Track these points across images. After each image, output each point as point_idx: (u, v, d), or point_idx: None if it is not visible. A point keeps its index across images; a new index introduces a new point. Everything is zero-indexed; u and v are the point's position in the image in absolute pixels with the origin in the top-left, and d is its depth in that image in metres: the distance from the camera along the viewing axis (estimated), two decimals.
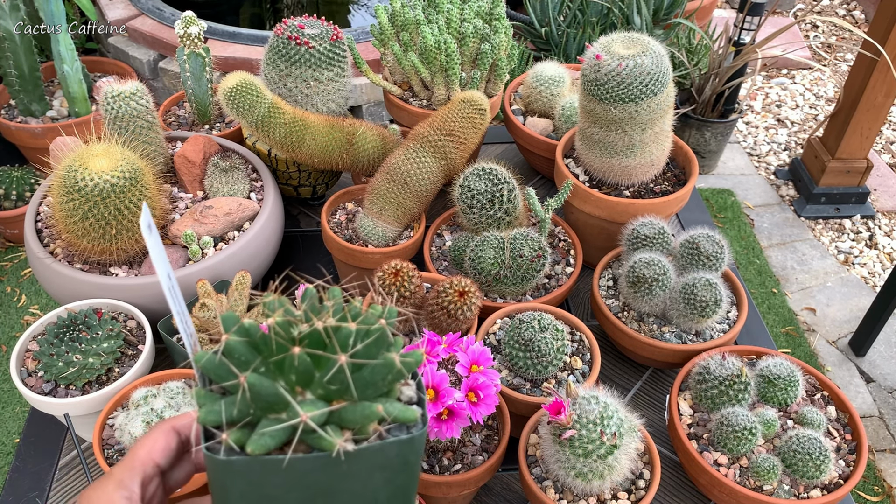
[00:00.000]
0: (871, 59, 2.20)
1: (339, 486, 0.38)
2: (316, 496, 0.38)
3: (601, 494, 0.77)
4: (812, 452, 0.80)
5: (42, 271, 0.95)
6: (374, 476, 0.38)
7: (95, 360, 0.84)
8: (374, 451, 0.37)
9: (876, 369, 2.04)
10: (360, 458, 0.37)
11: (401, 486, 0.40)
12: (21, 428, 1.77)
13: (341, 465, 0.37)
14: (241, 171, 1.06)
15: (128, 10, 2.50)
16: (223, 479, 0.37)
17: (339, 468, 0.37)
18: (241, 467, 0.36)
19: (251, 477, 0.37)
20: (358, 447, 0.36)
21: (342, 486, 0.38)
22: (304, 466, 0.36)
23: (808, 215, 2.53)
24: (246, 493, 0.37)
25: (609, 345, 1.04)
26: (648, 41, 0.97)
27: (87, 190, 0.88)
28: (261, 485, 0.37)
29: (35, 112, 2.12)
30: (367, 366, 0.38)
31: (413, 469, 0.40)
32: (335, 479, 0.38)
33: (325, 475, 0.37)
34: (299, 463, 0.36)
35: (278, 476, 0.37)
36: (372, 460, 0.38)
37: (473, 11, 1.16)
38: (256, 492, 0.37)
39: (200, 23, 1.17)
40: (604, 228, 1.07)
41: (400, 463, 0.39)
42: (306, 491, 0.37)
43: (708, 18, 2.83)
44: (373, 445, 0.37)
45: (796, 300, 2.24)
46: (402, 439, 0.38)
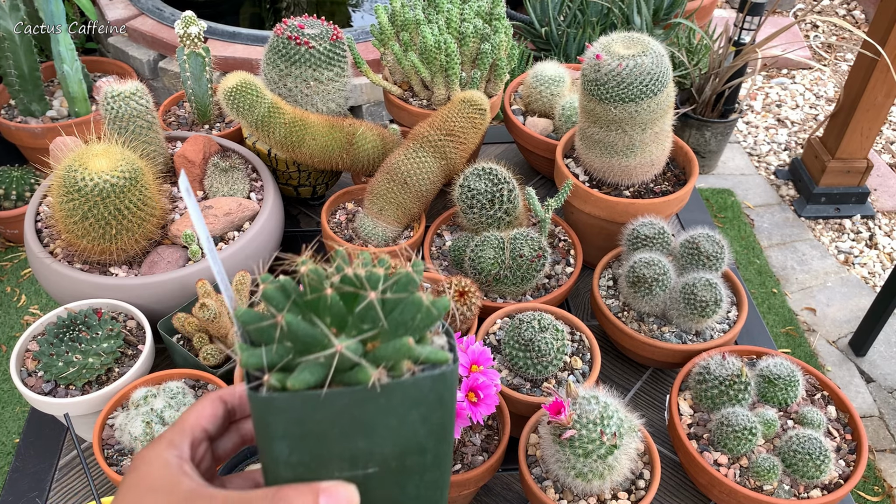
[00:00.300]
0: (871, 59, 2.20)
1: (378, 422, 0.39)
2: (356, 433, 0.39)
3: (601, 494, 0.77)
4: (812, 452, 0.80)
5: (42, 271, 0.95)
6: (410, 413, 0.40)
7: (95, 360, 0.84)
8: (409, 386, 0.39)
9: (876, 369, 2.04)
10: (395, 392, 0.38)
11: (438, 424, 0.41)
12: (21, 428, 1.77)
13: (378, 398, 0.38)
14: (241, 171, 1.06)
15: (128, 9, 2.50)
16: (266, 418, 0.38)
17: (377, 402, 0.38)
18: (283, 404, 0.37)
19: (292, 414, 0.38)
20: (392, 380, 0.38)
21: (381, 422, 0.39)
22: (342, 400, 0.38)
23: (809, 215, 2.53)
24: (288, 431, 0.38)
25: (609, 345, 1.04)
26: (648, 41, 0.97)
27: (86, 190, 0.88)
28: (302, 422, 0.38)
29: (35, 112, 2.12)
30: (397, 305, 0.39)
31: (448, 407, 0.41)
32: (373, 415, 0.39)
33: (362, 410, 0.38)
34: (337, 396, 0.38)
35: (318, 412, 0.38)
36: (407, 395, 0.39)
37: (473, 11, 1.16)
38: (298, 429, 0.38)
39: (200, 23, 1.17)
40: (604, 228, 1.07)
41: (435, 399, 0.40)
42: (346, 427, 0.39)
43: (708, 18, 2.83)
44: (406, 380, 0.38)
45: (796, 300, 2.24)
46: (434, 374, 0.39)
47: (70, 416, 0.81)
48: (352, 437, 0.39)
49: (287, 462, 0.40)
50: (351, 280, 0.39)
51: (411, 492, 0.42)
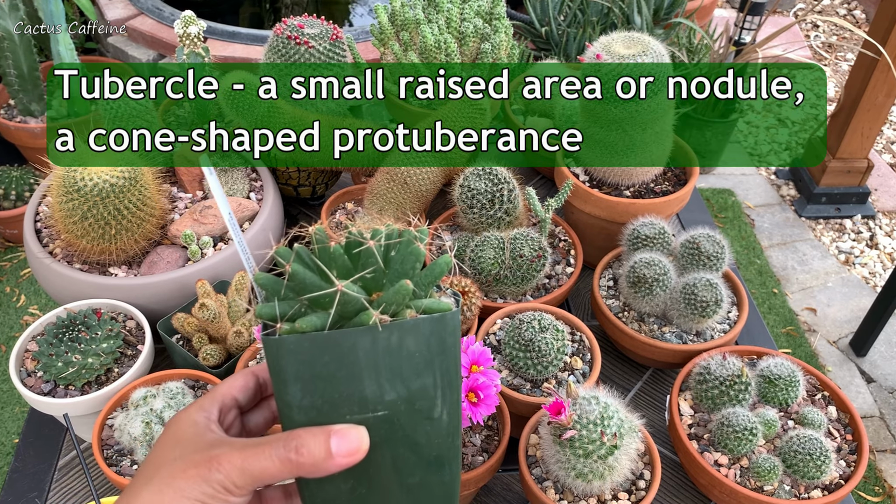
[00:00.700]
0: (871, 58, 2.20)
1: (383, 364, 0.41)
2: (362, 374, 0.41)
3: (601, 495, 0.77)
4: (813, 453, 0.80)
5: (41, 271, 0.95)
6: (414, 356, 0.42)
7: (95, 361, 0.83)
8: (410, 327, 0.41)
9: (877, 369, 2.04)
10: (396, 333, 0.41)
11: (442, 369, 0.43)
12: (20, 428, 1.77)
13: (381, 339, 0.40)
14: (241, 171, 1.06)
15: (127, 9, 2.50)
16: (279, 361, 0.41)
17: (380, 343, 0.41)
18: (292, 345, 0.40)
19: (302, 355, 0.40)
20: (393, 320, 0.40)
21: (385, 364, 0.41)
22: (346, 340, 0.40)
23: (809, 215, 2.53)
24: (300, 373, 0.41)
25: (609, 345, 1.04)
26: (649, 41, 0.97)
27: (86, 190, 0.87)
28: (311, 363, 0.41)
29: (34, 112, 2.12)
30: (397, 255, 0.42)
31: (452, 352, 0.43)
32: (378, 356, 0.41)
33: (367, 351, 0.41)
34: (341, 336, 0.40)
35: (325, 352, 0.40)
36: (408, 337, 0.41)
37: (473, 11, 1.16)
38: (308, 371, 0.41)
39: (200, 22, 1.17)
40: (604, 228, 1.06)
41: (437, 343, 0.42)
42: (352, 368, 0.41)
43: (708, 18, 2.83)
44: (407, 321, 0.41)
45: (797, 300, 2.24)
46: (434, 317, 0.41)
47: (69, 416, 0.81)
48: (359, 378, 0.41)
49: (300, 406, 0.42)
50: (354, 235, 0.42)
51: (422, 438, 0.44)
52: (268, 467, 0.40)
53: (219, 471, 0.40)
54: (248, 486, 0.40)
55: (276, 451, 0.40)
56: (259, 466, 0.40)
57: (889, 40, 2.13)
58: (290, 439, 0.40)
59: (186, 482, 0.40)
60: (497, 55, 1.15)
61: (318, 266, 0.43)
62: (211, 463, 0.40)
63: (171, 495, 0.39)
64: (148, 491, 0.40)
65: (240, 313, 0.94)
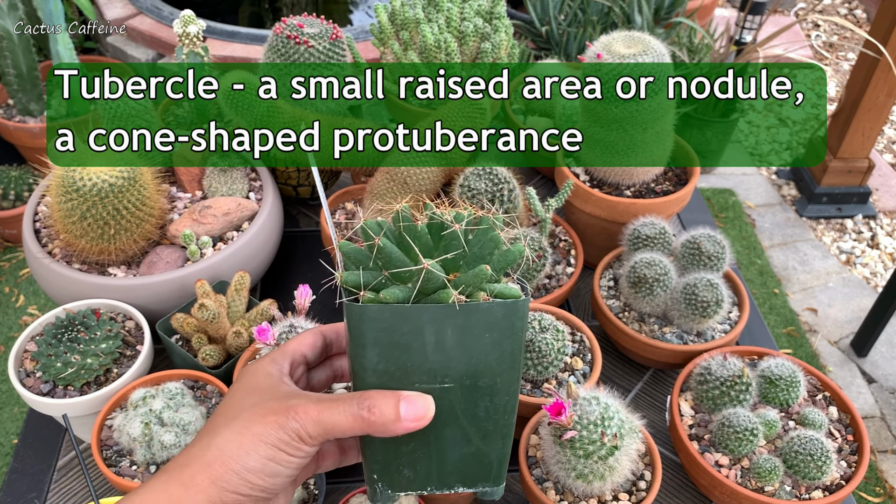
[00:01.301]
0: (872, 58, 2.19)
1: (454, 340, 0.44)
2: (435, 348, 0.44)
3: (602, 496, 0.76)
4: (814, 453, 0.79)
5: (40, 271, 0.95)
6: (484, 335, 0.45)
7: (94, 361, 0.83)
8: (483, 309, 0.44)
9: (878, 370, 2.04)
10: (471, 313, 0.44)
11: (508, 351, 0.46)
12: (19, 429, 1.76)
13: (456, 318, 0.44)
14: (240, 171, 1.05)
15: (126, 9, 2.50)
16: (360, 326, 0.44)
17: (454, 321, 0.44)
18: (375, 313, 0.44)
19: (382, 323, 0.44)
20: (469, 301, 0.44)
21: (457, 340, 0.44)
22: (425, 315, 0.44)
23: (810, 215, 2.52)
24: (378, 340, 0.44)
25: (610, 345, 1.04)
26: (649, 40, 0.97)
27: (85, 190, 0.87)
28: (390, 331, 0.44)
29: (33, 111, 2.12)
30: (475, 239, 0.46)
31: (518, 336, 0.46)
32: (451, 332, 0.44)
33: (442, 327, 0.44)
34: (421, 311, 0.44)
35: (404, 323, 0.44)
36: (481, 318, 0.44)
37: (473, 10, 1.16)
38: (387, 338, 0.44)
39: (199, 22, 1.17)
40: (605, 228, 1.06)
41: (506, 326, 0.45)
42: (427, 341, 0.44)
43: (709, 17, 2.83)
44: (482, 303, 0.44)
45: (798, 300, 2.24)
46: (507, 302, 0.45)
47: (68, 416, 0.80)
48: (431, 351, 0.44)
49: (374, 370, 0.45)
50: (439, 216, 0.45)
51: (482, 413, 0.47)
52: (340, 422, 0.42)
53: (296, 420, 0.42)
54: (320, 437, 0.43)
55: (350, 408, 0.43)
56: (333, 420, 0.42)
57: (890, 40, 2.13)
58: (363, 398, 0.43)
59: (264, 427, 0.42)
60: (497, 55, 1.15)
61: (401, 242, 0.46)
62: (288, 412, 0.42)
63: (249, 438, 0.42)
64: (229, 431, 0.43)
65: (239, 313, 0.94)
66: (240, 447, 0.42)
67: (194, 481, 0.41)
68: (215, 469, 0.41)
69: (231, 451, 0.41)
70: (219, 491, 0.41)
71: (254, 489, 0.42)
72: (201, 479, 0.41)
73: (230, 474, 0.41)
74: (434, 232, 0.46)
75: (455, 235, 0.45)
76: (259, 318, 0.94)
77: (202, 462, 0.42)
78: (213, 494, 0.41)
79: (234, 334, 0.89)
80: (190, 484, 0.41)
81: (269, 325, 0.79)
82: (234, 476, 0.41)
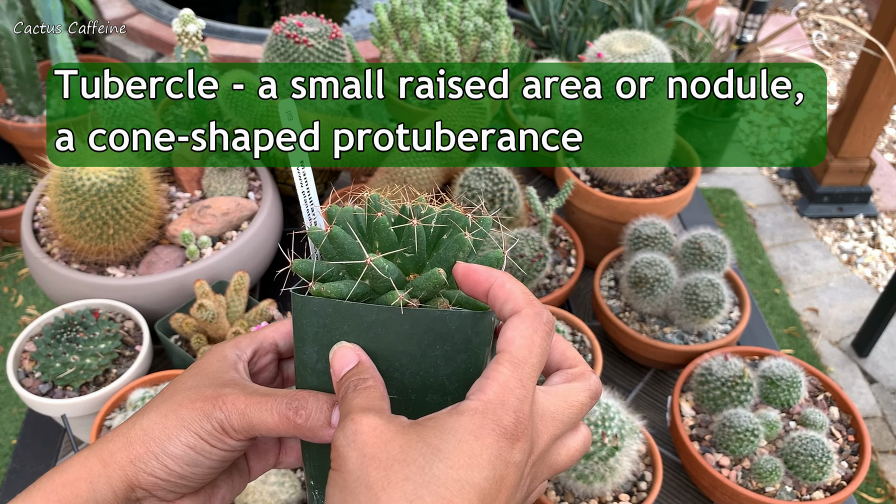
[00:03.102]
0: (873, 58, 2.19)
1: (401, 348, 0.40)
2: (378, 355, 0.40)
3: (603, 496, 0.76)
4: (815, 454, 0.79)
5: (39, 271, 0.94)
6: (434, 347, 0.40)
7: (93, 361, 0.83)
8: (434, 318, 0.39)
9: (879, 370, 2.04)
10: (419, 320, 0.39)
11: (462, 369, 0.41)
12: (18, 429, 1.76)
13: (402, 323, 0.39)
14: (240, 171, 1.05)
15: (125, 8, 2.49)
16: (301, 318, 0.41)
17: (401, 326, 0.39)
18: (315, 306, 0.40)
19: (322, 318, 0.40)
20: (416, 307, 0.39)
21: (403, 348, 0.40)
22: (367, 315, 0.40)
23: (811, 215, 2.52)
24: (318, 336, 0.41)
25: (610, 345, 1.04)
26: (650, 39, 0.97)
27: (84, 189, 0.87)
28: (330, 329, 0.40)
29: (32, 111, 2.12)
30: (447, 240, 0.41)
31: (474, 353, 0.40)
32: (397, 338, 0.40)
33: (387, 331, 0.40)
34: (363, 310, 0.40)
35: (345, 322, 0.40)
36: (432, 327, 0.39)
37: (474, 9, 1.15)
38: (327, 336, 0.41)
39: (198, 21, 1.16)
40: (605, 228, 1.06)
41: (461, 340, 0.40)
42: (369, 345, 0.40)
43: (710, 17, 2.82)
44: (433, 310, 0.39)
45: (799, 300, 2.23)
46: (462, 313, 0.39)
47: (67, 417, 0.80)
48: (374, 357, 0.40)
49: (314, 368, 0.42)
50: (404, 209, 0.42)
51: None
52: (266, 419, 0.40)
53: (221, 410, 0.40)
54: (244, 433, 0.40)
55: (278, 406, 0.40)
56: (258, 416, 0.40)
57: (891, 39, 2.12)
58: (293, 398, 0.40)
59: (190, 413, 0.40)
60: (497, 54, 1.15)
61: (368, 234, 0.42)
62: (216, 400, 0.41)
63: (174, 422, 0.40)
64: (156, 412, 0.41)
65: (238, 314, 0.94)
66: (163, 430, 0.40)
67: (113, 458, 0.40)
68: (135, 448, 0.40)
69: (154, 433, 0.40)
70: (136, 471, 0.40)
71: (171, 475, 0.40)
72: (121, 457, 0.40)
73: (149, 456, 0.40)
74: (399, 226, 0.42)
75: (411, 232, 0.40)
76: (258, 319, 0.94)
77: (125, 440, 0.41)
78: (130, 474, 0.40)
79: (233, 334, 0.88)
80: (109, 461, 0.40)
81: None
82: (152, 459, 0.40)
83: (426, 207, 0.42)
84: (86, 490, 0.39)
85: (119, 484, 0.40)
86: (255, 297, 1.07)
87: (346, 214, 0.43)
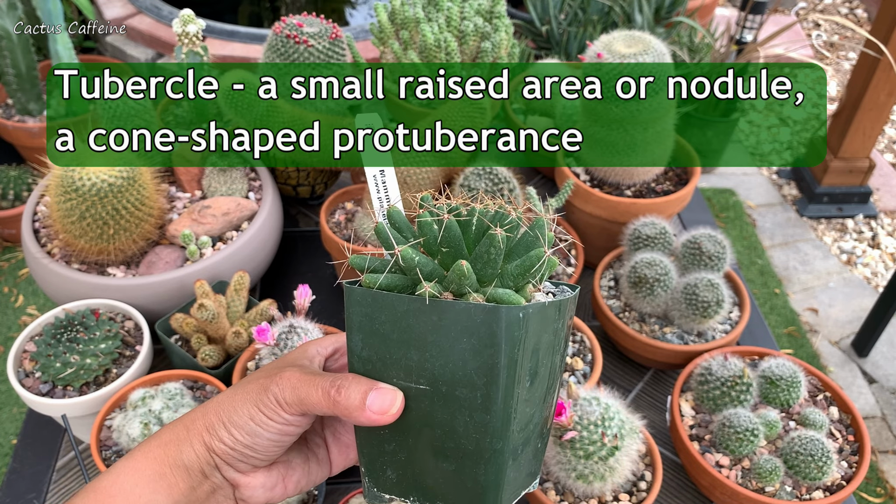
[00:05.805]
0: (873, 58, 2.19)
1: (430, 338, 0.42)
2: (410, 343, 0.42)
3: (602, 496, 0.76)
4: (814, 454, 0.79)
5: (39, 271, 0.94)
6: (461, 339, 0.41)
7: (93, 361, 0.83)
8: (460, 310, 0.41)
9: (879, 370, 2.04)
10: (446, 312, 0.41)
11: (488, 363, 0.41)
12: (18, 429, 1.76)
13: (430, 314, 0.41)
14: (240, 171, 1.05)
15: (125, 8, 2.49)
16: (349, 308, 0.44)
17: (429, 318, 0.41)
18: (358, 296, 0.43)
19: (364, 308, 0.43)
20: (444, 299, 0.41)
21: (432, 339, 0.42)
22: (400, 306, 0.42)
23: (811, 215, 2.52)
24: (362, 325, 0.44)
25: (610, 345, 1.04)
26: (650, 40, 0.97)
27: (84, 189, 0.87)
28: (371, 318, 0.43)
29: (32, 111, 2.12)
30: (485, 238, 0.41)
31: (500, 348, 0.41)
32: (426, 329, 0.42)
33: (418, 321, 0.42)
34: (395, 301, 0.42)
35: (382, 311, 0.43)
36: (458, 319, 0.41)
37: (474, 9, 1.15)
38: (368, 324, 0.43)
39: (199, 21, 1.16)
40: (605, 228, 1.06)
41: (486, 333, 0.40)
42: (403, 334, 0.42)
43: (710, 17, 2.82)
44: (459, 303, 0.41)
45: (799, 300, 2.23)
46: (487, 306, 0.40)
47: (68, 417, 0.80)
48: (407, 345, 0.42)
49: (359, 356, 0.45)
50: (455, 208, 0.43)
51: (460, 427, 0.43)
52: (312, 395, 0.44)
53: (277, 384, 0.45)
54: (295, 406, 0.44)
55: (323, 384, 0.44)
56: (306, 391, 0.44)
57: (891, 39, 2.12)
58: (336, 378, 0.44)
59: (254, 387, 0.46)
60: (497, 54, 1.15)
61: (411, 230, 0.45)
62: (275, 377, 0.45)
63: (241, 395, 0.46)
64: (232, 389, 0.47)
65: (238, 314, 0.94)
66: (231, 402, 0.46)
67: (195, 425, 0.46)
68: (210, 417, 0.46)
69: (224, 404, 0.46)
70: (210, 437, 0.45)
71: (236, 444, 0.45)
72: (199, 425, 0.46)
73: (219, 424, 0.45)
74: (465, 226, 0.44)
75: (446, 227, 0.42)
76: (258, 319, 0.94)
77: (203, 410, 0.46)
78: (206, 440, 0.45)
79: (233, 334, 0.88)
80: (191, 427, 0.46)
81: (269, 326, 0.79)
82: (221, 426, 0.45)
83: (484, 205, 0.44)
84: (174, 451, 0.45)
85: (200, 448, 0.45)
86: (255, 297, 1.07)
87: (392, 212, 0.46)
